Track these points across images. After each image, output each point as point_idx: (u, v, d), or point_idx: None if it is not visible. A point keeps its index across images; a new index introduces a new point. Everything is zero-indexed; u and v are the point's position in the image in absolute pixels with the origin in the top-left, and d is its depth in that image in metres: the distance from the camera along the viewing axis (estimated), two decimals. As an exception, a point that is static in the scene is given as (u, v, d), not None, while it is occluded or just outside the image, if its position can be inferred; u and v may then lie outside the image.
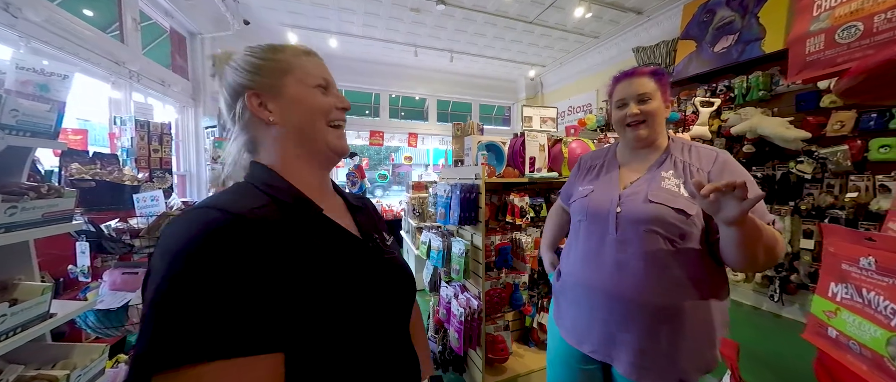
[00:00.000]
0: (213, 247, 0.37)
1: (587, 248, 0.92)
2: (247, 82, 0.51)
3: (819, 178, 2.68)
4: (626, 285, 0.83)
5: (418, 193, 3.67)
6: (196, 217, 0.39)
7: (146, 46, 3.04)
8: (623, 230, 0.85)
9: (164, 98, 3.31)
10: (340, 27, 4.46)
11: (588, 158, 1.09)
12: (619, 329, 0.84)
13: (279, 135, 0.51)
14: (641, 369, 0.81)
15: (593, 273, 0.89)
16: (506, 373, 1.81)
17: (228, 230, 0.39)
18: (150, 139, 2.55)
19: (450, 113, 7.07)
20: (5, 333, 0.80)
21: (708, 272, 0.82)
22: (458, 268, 1.80)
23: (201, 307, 0.35)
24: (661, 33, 4.06)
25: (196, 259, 0.36)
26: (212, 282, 0.36)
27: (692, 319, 0.80)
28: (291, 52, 0.53)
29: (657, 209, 0.81)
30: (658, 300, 0.81)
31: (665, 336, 0.80)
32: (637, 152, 0.95)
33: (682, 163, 0.87)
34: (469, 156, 1.89)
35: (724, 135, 3.18)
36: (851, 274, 0.49)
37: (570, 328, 0.96)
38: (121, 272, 1.43)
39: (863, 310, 0.46)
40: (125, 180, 1.88)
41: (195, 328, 0.34)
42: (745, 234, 0.66)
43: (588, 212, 0.92)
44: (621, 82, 0.92)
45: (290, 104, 0.51)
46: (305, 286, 0.41)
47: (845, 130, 2.54)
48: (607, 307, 0.86)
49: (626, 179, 0.93)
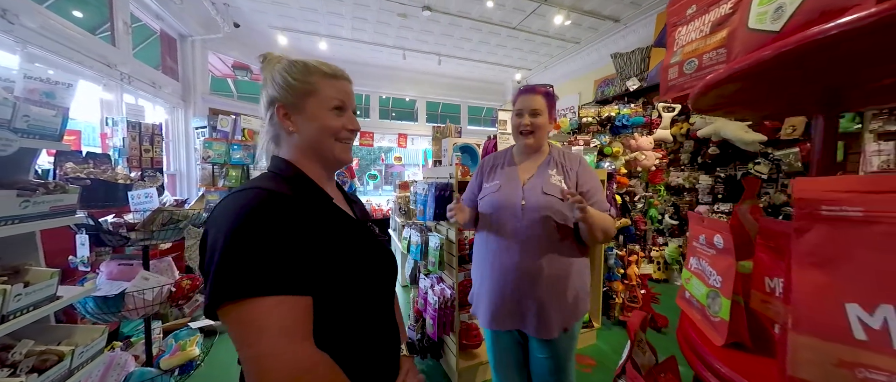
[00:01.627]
0: (264, 211, 0.51)
1: (498, 236, 1.11)
2: (279, 96, 0.63)
3: (774, 178, 2.89)
4: (530, 261, 1.04)
5: (403, 192, 3.80)
6: (246, 194, 0.54)
7: (135, 47, 3.11)
8: (527, 218, 1.05)
9: (154, 99, 3.39)
10: (330, 30, 4.56)
11: (490, 159, 1.28)
12: (525, 299, 1.05)
13: (297, 141, 0.64)
14: (541, 327, 1.04)
15: (505, 254, 1.08)
16: (478, 358, 1.95)
17: (272, 201, 0.53)
18: (142, 140, 2.63)
19: (439, 114, 7.21)
20: (20, 310, 0.91)
21: (577, 246, 1.09)
22: (433, 261, 1.94)
23: (258, 255, 0.49)
24: (638, 40, 4.25)
25: (252, 220, 0.50)
26: (265, 236, 0.50)
27: (573, 282, 1.06)
28: (320, 74, 0.64)
29: (550, 200, 1.04)
30: (552, 271, 1.03)
31: (556, 298, 1.04)
32: (528, 155, 1.16)
33: (561, 164, 1.13)
34: (445, 157, 2.03)
35: (692, 137, 3.38)
36: (697, 249, 0.64)
37: (489, 315, 1.12)
38: (117, 264, 1.53)
39: (700, 274, 0.62)
40: (119, 178, 1.97)
41: (255, 269, 0.48)
42: (587, 223, 0.97)
43: (498, 205, 1.11)
44: (522, 95, 1.12)
45: (308, 120, 0.63)
46: (324, 246, 0.56)
47: (797, 134, 2.75)
48: (516, 282, 1.06)
49: (523, 176, 1.13)
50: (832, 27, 0.33)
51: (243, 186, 0.58)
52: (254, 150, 3.16)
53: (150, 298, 1.44)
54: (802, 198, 0.36)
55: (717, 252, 0.57)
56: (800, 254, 0.36)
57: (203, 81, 4.04)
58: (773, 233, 0.52)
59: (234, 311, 0.47)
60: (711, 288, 0.57)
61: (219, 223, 0.52)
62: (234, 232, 0.49)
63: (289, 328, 0.49)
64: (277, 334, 0.47)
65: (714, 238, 0.57)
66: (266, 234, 0.50)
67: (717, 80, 0.50)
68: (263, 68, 0.66)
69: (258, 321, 0.47)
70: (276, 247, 0.50)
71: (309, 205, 0.58)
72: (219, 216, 0.53)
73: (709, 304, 0.57)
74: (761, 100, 0.59)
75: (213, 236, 0.51)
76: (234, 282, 0.47)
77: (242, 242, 0.49)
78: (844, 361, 0.32)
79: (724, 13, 0.58)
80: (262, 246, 0.49)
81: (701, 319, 0.59)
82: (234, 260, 0.48)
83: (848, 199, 0.34)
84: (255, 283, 0.48)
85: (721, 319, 0.53)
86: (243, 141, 3.10)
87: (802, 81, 0.50)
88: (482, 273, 1.16)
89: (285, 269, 0.50)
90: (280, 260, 0.50)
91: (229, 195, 0.55)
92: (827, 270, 0.34)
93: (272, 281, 0.49)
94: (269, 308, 0.48)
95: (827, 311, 0.34)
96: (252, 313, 0.47)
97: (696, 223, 0.63)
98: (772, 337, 0.51)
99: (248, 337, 0.47)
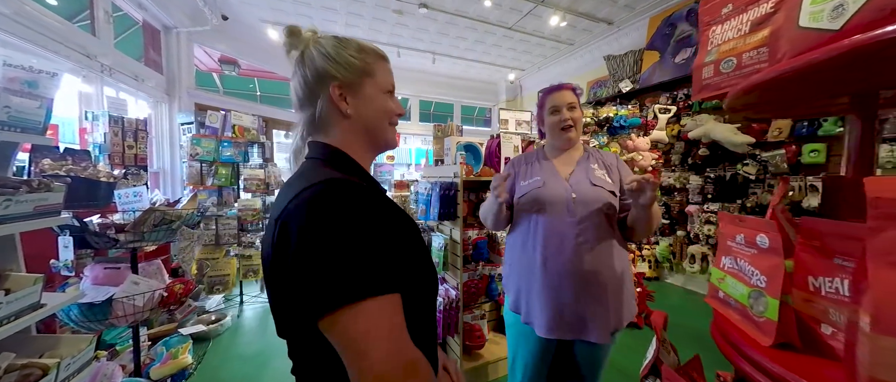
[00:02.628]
0: (352, 205, 0.46)
1: (547, 236, 1.01)
2: (334, 73, 0.56)
3: (761, 178, 3.00)
4: (589, 262, 0.98)
5: (400, 191, 3.75)
6: (323, 189, 0.47)
7: (117, 37, 2.95)
8: (580, 213, 1.00)
9: (137, 93, 3.22)
10: (323, 26, 4.46)
11: (519, 159, 1.20)
12: (588, 304, 0.98)
13: (350, 125, 0.58)
14: (604, 331, 0.99)
15: (559, 255, 0.99)
16: (482, 359, 1.94)
17: (354, 193, 0.48)
18: (125, 135, 2.50)
19: (432, 113, 7.17)
20: (1, 320, 0.83)
21: (622, 240, 1.06)
22: (437, 261, 1.91)
23: (360, 254, 0.44)
24: (630, 43, 4.34)
25: (343, 216, 0.45)
26: (361, 233, 0.45)
27: (625, 278, 1.01)
28: (373, 55, 0.60)
29: (601, 192, 1.00)
30: (610, 270, 0.99)
31: (614, 298, 0.99)
32: (564, 151, 1.13)
33: (600, 160, 1.12)
34: (448, 156, 2.00)
35: (683, 139, 3.48)
36: (732, 248, 0.64)
37: (546, 324, 1.01)
38: (102, 268, 1.44)
39: (737, 274, 0.61)
40: (101, 176, 1.86)
41: (362, 269, 0.44)
42: (651, 211, 0.94)
43: (545, 201, 1.03)
44: (552, 94, 1.10)
45: (365, 102, 0.58)
46: (401, 239, 0.52)
47: (783, 136, 2.86)
48: (576, 285, 0.98)
49: (563, 171, 1.09)
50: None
51: (308, 181, 0.49)
52: (245, 147, 3.04)
53: (141, 304, 1.36)
54: (879, 197, 0.36)
55: (760, 252, 0.56)
56: (877, 254, 0.36)
57: (188, 76, 3.87)
58: (818, 233, 0.52)
59: (345, 318, 0.42)
60: (754, 288, 0.57)
61: (308, 226, 0.45)
62: (331, 232, 0.44)
63: (398, 328, 0.46)
64: (390, 336, 0.44)
65: (756, 238, 0.57)
66: (362, 229, 0.45)
67: (764, 79, 0.49)
68: (292, 43, 0.59)
69: (372, 324, 0.43)
70: (373, 242, 0.46)
71: (377, 194, 0.53)
72: (304, 217, 0.46)
73: (751, 304, 0.57)
74: (798, 100, 0.60)
75: (300, 243, 0.44)
76: (344, 287, 0.43)
77: (342, 242, 0.44)
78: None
79: (765, 12, 0.58)
80: (362, 244, 0.45)
81: (741, 319, 0.59)
82: (339, 263, 0.43)
83: (931, 198, 0.33)
84: (365, 285, 0.43)
85: (767, 319, 0.53)
86: (234, 138, 2.99)
87: (848, 82, 0.50)
88: (530, 276, 1.04)
89: (385, 265, 0.46)
90: (380, 257, 0.46)
91: (304, 192, 0.47)
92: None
93: (378, 280, 0.45)
94: (378, 309, 0.44)
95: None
96: (365, 317, 0.43)
97: (733, 223, 0.63)
98: (819, 337, 0.51)
99: (364, 343, 0.43)
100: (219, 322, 2.52)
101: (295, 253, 0.45)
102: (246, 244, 3.04)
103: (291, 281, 0.46)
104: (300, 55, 0.59)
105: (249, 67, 4.99)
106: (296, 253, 0.45)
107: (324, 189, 0.47)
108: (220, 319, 2.59)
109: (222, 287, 2.88)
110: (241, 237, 2.99)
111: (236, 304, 3.05)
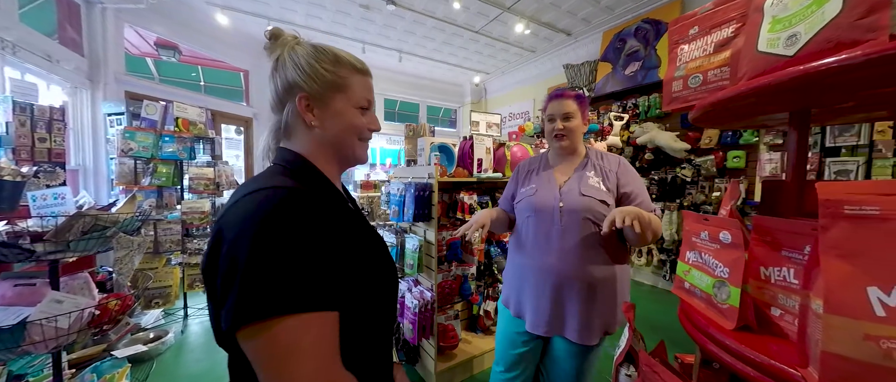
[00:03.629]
0: (292, 215, 0.44)
1: (536, 238, 1.11)
2: (302, 84, 0.55)
3: (696, 181, 3.41)
4: (569, 264, 1.04)
5: (367, 192, 3.64)
6: (267, 195, 0.46)
7: (21, 7, 2.47)
8: (565, 220, 1.06)
9: (49, 76, 2.74)
10: (281, 14, 4.17)
11: (525, 164, 1.30)
12: (567, 303, 1.05)
13: (316, 136, 0.58)
14: (584, 331, 1.03)
15: (542, 259, 1.08)
16: (456, 359, 1.95)
17: (299, 201, 0.46)
18: (35, 126, 2.11)
19: (397, 112, 7.06)
20: None
21: (619, 248, 1.08)
22: (411, 263, 1.89)
23: (291, 266, 0.41)
24: (587, 54, 4.67)
25: (281, 225, 0.43)
26: (296, 244, 0.43)
27: (614, 285, 1.05)
28: (349, 68, 0.58)
29: (589, 201, 1.04)
30: (594, 275, 1.03)
31: (599, 302, 1.04)
32: (564, 158, 1.18)
33: (598, 166, 1.13)
34: (422, 156, 1.99)
35: (632, 144, 3.83)
36: (697, 244, 0.71)
37: (532, 319, 1.09)
38: (12, 284, 1.20)
39: (702, 267, 0.69)
40: (4, 174, 1.56)
41: (289, 282, 0.41)
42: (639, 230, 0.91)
43: (535, 207, 1.12)
44: (553, 101, 1.14)
45: (333, 117, 0.57)
46: (349, 252, 0.49)
47: (712, 144, 3.28)
48: (555, 286, 1.05)
49: (559, 179, 1.14)
50: (861, 55, 0.39)
51: (257, 184, 0.49)
52: (190, 143, 2.74)
53: (66, 325, 1.15)
54: (829, 199, 0.43)
55: (723, 246, 0.64)
56: (827, 247, 0.42)
57: (117, 59, 3.39)
58: (768, 229, 0.60)
59: (264, 332, 0.40)
60: (718, 279, 0.64)
61: (240, 231, 0.44)
62: (262, 240, 0.42)
63: (324, 349, 0.43)
64: (313, 356, 0.42)
65: (719, 234, 0.64)
66: (298, 241, 0.43)
67: (731, 95, 0.56)
68: (273, 46, 0.58)
69: (292, 341, 0.41)
70: (308, 256, 0.44)
71: (330, 206, 0.51)
72: (238, 222, 0.45)
73: (715, 293, 0.64)
74: (749, 114, 0.69)
75: (232, 245, 0.43)
76: (266, 298, 0.40)
77: (273, 251, 0.42)
78: (869, 335, 0.38)
79: (727, 36, 0.66)
80: (295, 256, 0.43)
81: (706, 306, 0.67)
82: (265, 273, 0.41)
83: (867, 200, 0.40)
84: (291, 298, 0.41)
85: (730, 305, 0.60)
86: (177, 132, 2.67)
87: (792, 101, 0.59)
88: (522, 274, 1.14)
89: (319, 281, 0.44)
90: (314, 271, 0.44)
91: (245, 198, 0.47)
92: (851, 260, 0.41)
93: (308, 296, 0.42)
94: (305, 327, 0.42)
95: (853, 294, 0.40)
96: (285, 333, 0.41)
97: (698, 222, 0.71)
98: (770, 319, 0.59)
99: (282, 361, 0.40)
100: (159, 340, 2.23)
101: (225, 257, 0.43)
102: (192, 250, 2.73)
103: (219, 287, 0.43)
104: (276, 60, 0.57)
105: (192, 53, 4.49)
106: (225, 257, 0.43)
107: (267, 196, 0.46)
108: (160, 336, 2.30)
109: (162, 301, 2.56)
110: (186, 244, 2.69)
111: (180, 318, 2.73)
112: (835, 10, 0.45)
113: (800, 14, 0.49)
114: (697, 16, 0.71)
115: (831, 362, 0.40)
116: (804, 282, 0.49)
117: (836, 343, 0.40)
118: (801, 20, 0.49)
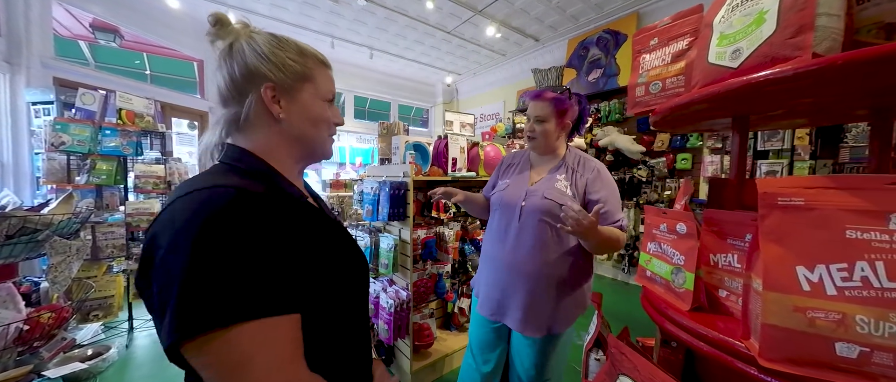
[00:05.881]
0: (237, 216, 0.41)
1: (498, 230, 1.18)
2: (268, 73, 0.52)
3: (650, 180, 3.71)
4: (519, 258, 1.10)
5: (337, 191, 3.53)
6: (209, 195, 0.42)
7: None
8: (524, 219, 1.11)
9: (-46, 56, 2.34)
10: (243, 3, 3.91)
11: (510, 157, 1.35)
12: (511, 293, 1.11)
13: (279, 130, 0.54)
14: (524, 322, 1.09)
15: (499, 250, 1.16)
16: (431, 357, 1.96)
17: (245, 201, 0.42)
18: (-64, 113, 1.80)
19: (367, 110, 6.91)
20: None
21: (578, 252, 1.10)
22: (386, 263, 1.86)
23: (237, 271, 0.38)
24: (553, 60, 4.89)
25: (224, 227, 0.39)
26: (243, 247, 0.39)
27: (565, 285, 1.09)
28: (315, 60, 0.57)
29: (549, 204, 1.08)
30: (542, 271, 1.08)
31: (544, 298, 1.08)
32: (541, 157, 1.22)
33: (572, 170, 1.13)
34: (397, 155, 1.97)
35: (594, 146, 4.07)
36: (657, 235, 0.79)
37: (482, 296, 1.22)
38: (-90, 298, 1.02)
39: (661, 256, 0.76)
40: None
41: (235, 289, 0.38)
42: (589, 242, 1.01)
43: (503, 202, 1.18)
44: (530, 102, 1.17)
45: (301, 109, 0.55)
46: (308, 252, 0.47)
47: (664, 147, 3.58)
48: (505, 276, 1.12)
49: (534, 178, 1.19)
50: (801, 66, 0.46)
51: (196, 184, 0.45)
52: (136, 137, 2.48)
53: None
54: (766, 193, 0.49)
55: (679, 237, 0.71)
56: (765, 232, 0.49)
57: (44, 41, 2.98)
58: (716, 220, 0.68)
59: (213, 344, 0.37)
60: (675, 266, 0.71)
61: (176, 235, 0.39)
62: (202, 244, 0.38)
63: (280, 355, 0.41)
64: (269, 364, 0.39)
65: (676, 226, 0.72)
66: (244, 244, 0.40)
67: (686, 101, 0.63)
68: (219, 32, 0.53)
69: (244, 351, 0.38)
70: (257, 259, 0.40)
71: (285, 204, 0.48)
72: (174, 226, 0.40)
73: (673, 279, 0.71)
74: (699, 119, 0.77)
75: (168, 252, 0.39)
76: (209, 309, 0.37)
77: (215, 256, 0.38)
78: (797, 307, 0.45)
79: (681, 48, 0.73)
80: (241, 260, 0.39)
81: (665, 291, 0.74)
82: (207, 281, 0.37)
83: (795, 193, 0.47)
84: (237, 307, 0.38)
85: (686, 289, 0.67)
86: (120, 125, 2.40)
87: (737, 107, 0.67)
88: (484, 262, 1.23)
89: (270, 285, 0.41)
90: (263, 275, 0.40)
91: (183, 197, 0.43)
92: (782, 243, 0.47)
93: (257, 302, 0.39)
94: (256, 334, 0.39)
95: (784, 273, 0.47)
96: (236, 343, 0.38)
97: (657, 215, 0.78)
98: (718, 299, 0.67)
99: (234, 373, 0.38)
100: (100, 357, 2.00)
101: (160, 266, 0.39)
102: (138, 256, 2.47)
103: (155, 300, 0.39)
104: (228, 48, 0.53)
105: (136, 38, 4.06)
106: (160, 266, 0.39)
107: (209, 196, 0.42)
108: (100, 352, 2.06)
109: (102, 313, 2.30)
110: (132, 249, 2.44)
111: (124, 331, 2.46)
112: (770, 30, 0.52)
113: (743, 31, 0.56)
114: (657, 29, 0.79)
115: (769, 332, 0.46)
116: (747, 265, 0.56)
117: (772, 315, 0.47)
118: (743, 37, 0.56)
